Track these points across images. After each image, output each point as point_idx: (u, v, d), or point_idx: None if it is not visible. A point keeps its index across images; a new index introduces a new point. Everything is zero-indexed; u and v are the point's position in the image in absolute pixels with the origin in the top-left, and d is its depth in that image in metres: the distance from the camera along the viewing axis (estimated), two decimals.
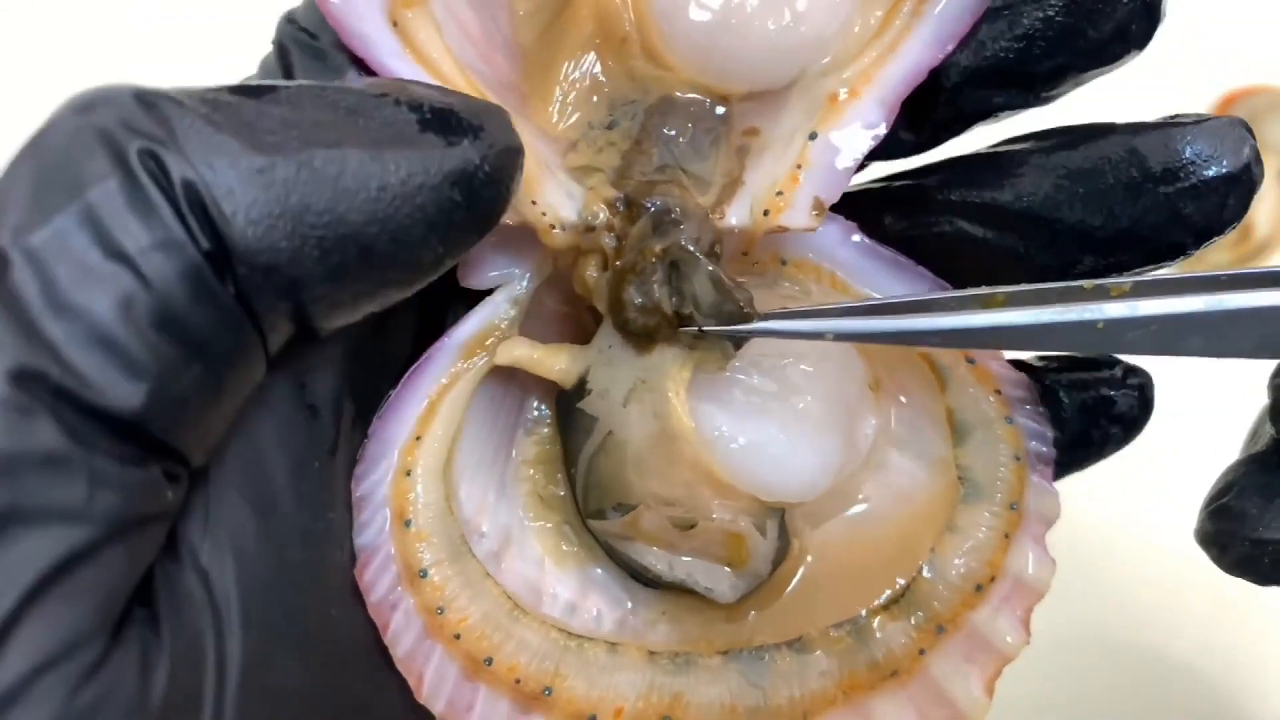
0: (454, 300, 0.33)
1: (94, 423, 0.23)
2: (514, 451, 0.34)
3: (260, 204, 0.24)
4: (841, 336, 0.29)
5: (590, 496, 0.32)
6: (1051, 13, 0.31)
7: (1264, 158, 0.30)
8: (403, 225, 0.25)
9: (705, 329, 0.30)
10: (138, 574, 0.24)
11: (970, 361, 0.32)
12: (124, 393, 0.23)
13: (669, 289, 0.30)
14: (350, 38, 0.30)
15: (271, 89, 0.26)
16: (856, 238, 0.33)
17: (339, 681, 0.29)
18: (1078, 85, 0.32)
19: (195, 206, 0.23)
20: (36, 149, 0.24)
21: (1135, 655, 0.55)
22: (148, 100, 0.24)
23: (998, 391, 0.32)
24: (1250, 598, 0.55)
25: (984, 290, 0.28)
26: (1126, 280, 0.28)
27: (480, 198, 0.27)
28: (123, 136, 0.23)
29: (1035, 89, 0.32)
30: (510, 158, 0.27)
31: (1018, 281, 0.29)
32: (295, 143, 0.25)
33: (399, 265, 0.26)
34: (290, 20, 0.32)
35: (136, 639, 0.24)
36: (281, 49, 0.31)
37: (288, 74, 0.31)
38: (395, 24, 0.31)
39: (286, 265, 0.24)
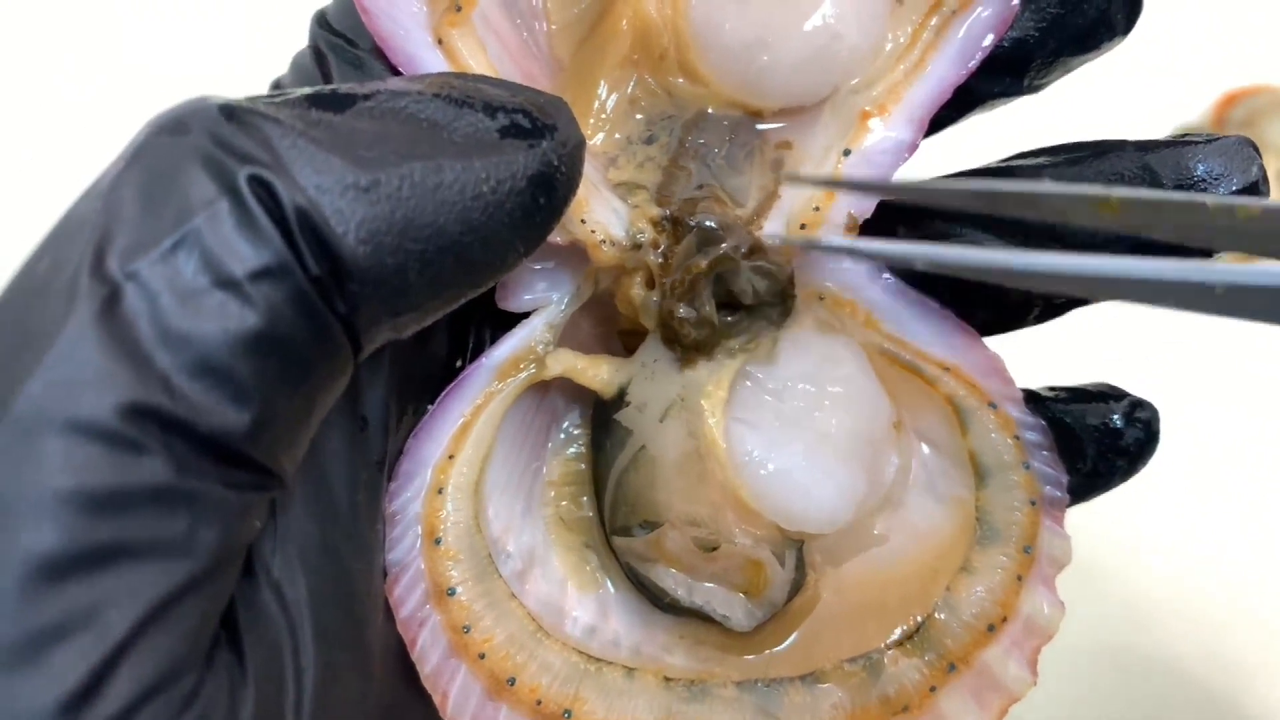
0: (475, 311, 0.33)
1: (201, 452, 0.23)
2: (542, 472, 0.34)
3: (369, 222, 0.24)
4: (935, 265, 0.27)
5: (618, 513, 0.33)
6: (1043, 2, 0.32)
7: (1264, 158, 0.31)
8: (494, 231, 0.26)
9: (784, 239, 0.31)
10: (226, 599, 0.25)
11: (992, 406, 0.32)
12: (231, 419, 0.23)
13: (716, 303, 0.31)
14: (396, 56, 0.31)
15: (350, 99, 0.26)
16: (886, 276, 0.33)
17: (388, 691, 0.30)
18: (1066, 73, 0.33)
19: (307, 230, 0.23)
20: (135, 174, 0.24)
21: (1134, 660, 0.56)
22: (241, 118, 0.24)
23: (1016, 437, 0.32)
24: (1253, 605, 0.56)
25: (1098, 189, 0.26)
26: (1255, 204, 0.26)
27: (557, 195, 0.27)
28: (224, 159, 0.23)
29: (1027, 77, 0.32)
30: (580, 153, 0.28)
31: (1026, 293, 0.29)
32: (393, 157, 0.25)
33: (488, 269, 0.27)
34: (323, 24, 0.31)
35: (223, 662, 0.24)
36: (319, 55, 0.31)
37: (327, 81, 0.31)
38: (440, 42, 0.31)
39: (393, 279, 0.25)
